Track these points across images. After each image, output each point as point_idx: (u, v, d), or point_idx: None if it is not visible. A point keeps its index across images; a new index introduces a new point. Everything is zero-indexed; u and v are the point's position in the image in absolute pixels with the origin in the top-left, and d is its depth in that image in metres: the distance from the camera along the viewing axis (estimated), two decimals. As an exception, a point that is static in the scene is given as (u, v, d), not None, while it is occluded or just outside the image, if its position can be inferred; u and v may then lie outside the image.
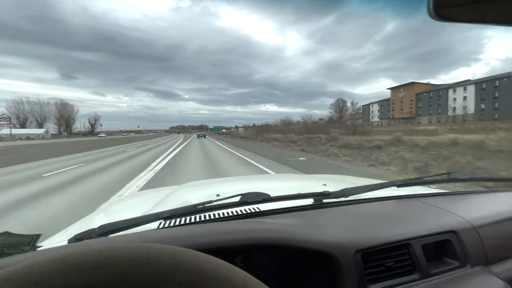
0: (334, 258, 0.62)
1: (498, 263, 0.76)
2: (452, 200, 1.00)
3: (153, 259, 0.31)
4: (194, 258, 0.33)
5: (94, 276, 0.28)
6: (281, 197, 0.87)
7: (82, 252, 0.29)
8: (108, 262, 0.29)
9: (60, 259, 0.28)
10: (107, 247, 0.31)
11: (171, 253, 0.32)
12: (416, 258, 0.70)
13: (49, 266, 0.27)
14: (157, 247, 0.33)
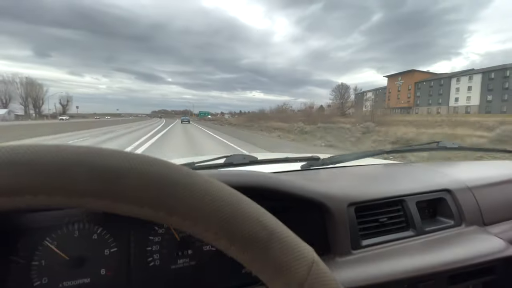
0: (327, 209, 0.62)
1: (494, 224, 0.77)
2: (444, 165, 1.00)
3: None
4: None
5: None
6: (269, 160, 0.86)
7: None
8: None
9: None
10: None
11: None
12: (411, 215, 0.70)
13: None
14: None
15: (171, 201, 0.21)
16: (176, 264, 0.58)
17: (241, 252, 0.22)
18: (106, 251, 0.54)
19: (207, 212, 0.21)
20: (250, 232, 0.22)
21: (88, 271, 0.52)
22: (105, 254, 0.54)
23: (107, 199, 0.20)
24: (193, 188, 0.22)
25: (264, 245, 0.22)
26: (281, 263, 0.22)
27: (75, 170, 0.20)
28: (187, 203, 0.21)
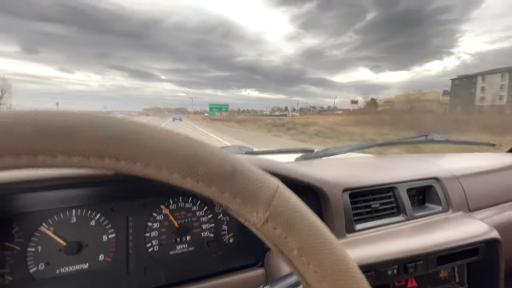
0: (323, 194, 0.64)
1: (479, 210, 0.82)
2: (433, 156, 1.06)
3: None
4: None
5: None
6: (265, 152, 0.90)
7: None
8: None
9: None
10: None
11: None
12: (401, 201, 0.73)
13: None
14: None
15: (132, 149, 0.21)
16: (175, 250, 0.59)
17: (208, 187, 0.23)
18: (104, 237, 0.54)
19: (170, 155, 0.22)
20: (214, 167, 0.23)
21: (86, 257, 0.52)
22: (103, 240, 0.53)
23: (78, 156, 0.20)
24: (153, 136, 0.22)
25: (229, 177, 0.23)
26: (248, 191, 0.23)
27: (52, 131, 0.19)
28: (148, 150, 0.22)
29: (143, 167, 0.22)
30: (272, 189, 0.24)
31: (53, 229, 0.50)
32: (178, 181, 0.23)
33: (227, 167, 0.23)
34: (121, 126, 0.22)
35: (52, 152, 0.19)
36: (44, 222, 0.50)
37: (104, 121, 0.21)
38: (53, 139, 0.19)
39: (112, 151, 0.21)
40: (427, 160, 0.95)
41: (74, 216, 0.52)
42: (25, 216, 0.49)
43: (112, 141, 0.21)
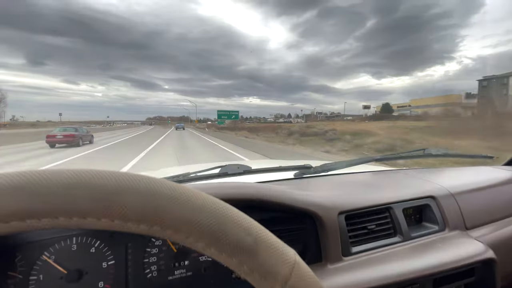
0: (318, 219, 0.64)
1: (475, 228, 0.81)
2: (429, 172, 1.04)
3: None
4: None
5: None
6: (263, 169, 0.88)
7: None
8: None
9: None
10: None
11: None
12: (397, 222, 0.73)
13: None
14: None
15: (165, 216, 0.23)
16: (173, 275, 0.59)
17: (230, 258, 0.24)
18: (104, 263, 0.54)
19: (198, 224, 0.23)
20: (236, 239, 0.24)
21: (86, 284, 0.53)
22: (103, 267, 0.54)
23: (106, 218, 0.22)
24: (183, 202, 0.24)
25: (250, 250, 0.24)
26: (266, 266, 0.24)
27: (75, 192, 0.22)
28: (179, 217, 0.23)
29: (173, 234, 0.23)
30: (290, 263, 0.24)
31: (54, 257, 0.51)
32: (202, 250, 0.24)
33: (249, 240, 0.24)
34: (158, 192, 0.23)
35: (98, 215, 0.22)
36: (46, 251, 0.51)
37: (142, 185, 0.23)
38: (100, 203, 0.21)
39: (147, 218, 0.22)
40: (423, 177, 0.94)
41: (75, 244, 0.53)
42: (27, 245, 0.51)
43: (148, 209, 0.22)
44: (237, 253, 0.24)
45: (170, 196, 0.24)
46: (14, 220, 0.20)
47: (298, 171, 0.91)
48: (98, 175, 0.23)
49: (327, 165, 0.91)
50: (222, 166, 0.82)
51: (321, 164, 0.93)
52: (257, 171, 0.85)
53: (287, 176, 0.91)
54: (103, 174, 0.23)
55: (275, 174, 0.91)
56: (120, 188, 0.23)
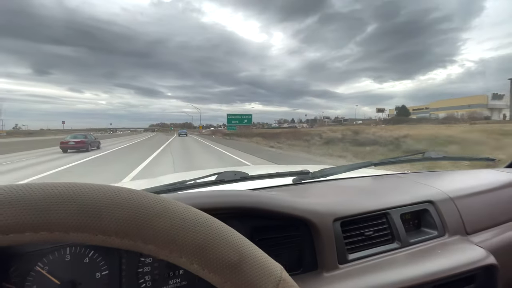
0: (313, 225, 0.63)
1: (476, 233, 0.78)
2: (428, 176, 1.02)
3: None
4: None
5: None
6: (260, 176, 0.86)
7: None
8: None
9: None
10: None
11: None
12: (395, 227, 0.71)
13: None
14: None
15: (147, 230, 0.23)
16: (168, 285, 0.58)
17: (213, 275, 0.23)
18: (97, 274, 0.54)
19: (180, 240, 0.23)
20: (221, 256, 0.24)
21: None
22: (96, 277, 0.53)
23: (88, 233, 0.22)
24: (166, 216, 0.24)
25: (233, 266, 0.23)
26: (251, 283, 0.23)
27: (64, 206, 0.22)
28: (161, 232, 0.23)
29: (156, 249, 0.23)
30: (275, 280, 0.24)
31: (48, 268, 0.51)
32: (185, 265, 0.24)
33: (233, 256, 0.24)
34: (142, 206, 0.23)
35: (81, 229, 0.22)
36: (39, 261, 0.51)
37: (126, 200, 0.23)
38: (86, 217, 0.22)
39: (130, 233, 0.22)
40: (421, 181, 0.92)
41: (68, 254, 0.52)
42: (22, 256, 0.50)
43: (131, 224, 0.23)
44: (220, 270, 0.23)
45: (153, 210, 0.24)
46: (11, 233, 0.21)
47: (296, 177, 0.90)
48: (81, 189, 0.23)
49: (326, 170, 0.90)
50: (219, 173, 0.82)
51: (320, 169, 0.91)
52: (254, 177, 0.84)
53: (285, 182, 0.90)
54: (86, 188, 0.23)
55: (272, 180, 0.89)
56: (102, 202, 0.23)
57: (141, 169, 7.40)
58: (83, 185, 0.24)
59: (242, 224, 0.61)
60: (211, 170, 1.08)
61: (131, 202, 0.24)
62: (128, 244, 0.23)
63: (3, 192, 0.22)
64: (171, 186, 0.74)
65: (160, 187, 0.75)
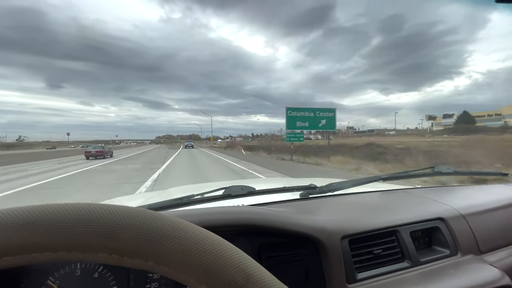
0: (320, 243, 0.61)
1: (490, 252, 0.75)
2: (438, 192, 0.99)
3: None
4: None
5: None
6: (267, 190, 0.86)
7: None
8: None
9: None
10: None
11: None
12: (405, 246, 0.69)
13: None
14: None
15: (159, 252, 0.24)
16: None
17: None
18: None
19: (191, 262, 0.24)
20: (228, 277, 0.24)
21: None
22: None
23: (103, 253, 0.23)
24: (179, 239, 0.25)
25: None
26: None
27: (83, 227, 0.23)
28: (174, 255, 0.24)
29: (167, 270, 0.24)
30: None
31: (59, 282, 0.51)
32: (193, 285, 0.24)
33: (240, 278, 0.24)
34: (154, 228, 0.24)
35: (96, 250, 0.23)
36: (51, 275, 0.51)
37: (140, 221, 0.24)
38: (103, 238, 0.23)
39: (143, 253, 0.23)
40: (431, 197, 0.90)
41: (79, 269, 0.53)
42: (33, 271, 0.51)
43: (144, 245, 0.24)
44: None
45: (165, 231, 0.25)
46: (20, 253, 0.22)
47: (303, 191, 0.89)
48: (96, 210, 0.24)
49: (333, 185, 0.88)
50: (226, 188, 0.82)
51: (327, 183, 0.90)
52: (261, 192, 0.84)
53: (292, 197, 0.89)
54: (103, 209, 0.25)
55: (279, 195, 0.88)
56: (118, 223, 0.24)
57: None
58: (100, 207, 0.25)
59: (250, 242, 0.60)
60: (219, 183, 1.08)
61: (145, 223, 0.25)
62: (140, 263, 0.24)
63: (21, 213, 0.23)
64: (179, 201, 0.75)
65: (169, 201, 0.75)
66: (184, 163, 13.89)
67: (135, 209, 0.26)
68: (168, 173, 9.64)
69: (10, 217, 0.23)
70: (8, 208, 0.24)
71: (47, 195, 5.87)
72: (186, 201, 0.75)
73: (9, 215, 0.23)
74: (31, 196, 5.88)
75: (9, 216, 0.23)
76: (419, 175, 1.05)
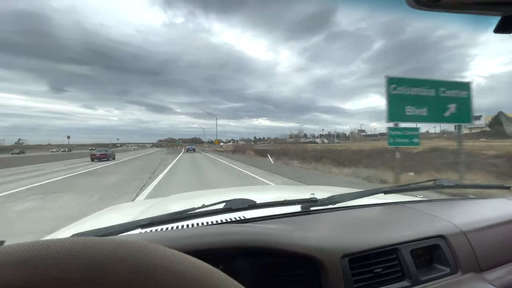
0: (320, 263, 0.61)
1: (491, 270, 0.75)
2: (439, 206, 0.98)
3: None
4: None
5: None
6: (268, 204, 0.86)
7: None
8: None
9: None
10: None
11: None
12: (406, 264, 0.68)
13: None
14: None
15: (150, 284, 0.25)
16: None
17: None
18: None
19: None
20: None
21: None
22: None
23: (98, 286, 0.24)
24: (171, 271, 0.26)
25: None
26: None
27: (74, 262, 0.24)
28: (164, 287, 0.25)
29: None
30: None
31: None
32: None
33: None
34: (146, 261, 0.25)
35: (95, 282, 0.23)
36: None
37: (132, 254, 0.25)
38: (97, 271, 0.23)
39: (135, 284, 0.25)
40: (432, 212, 0.90)
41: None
42: None
43: (138, 276, 0.25)
44: None
45: (156, 262, 0.26)
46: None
47: (304, 204, 0.89)
48: (90, 244, 0.25)
49: (334, 197, 0.88)
50: (227, 201, 0.82)
51: (328, 196, 0.90)
52: (261, 205, 0.84)
53: (293, 210, 0.89)
54: (94, 242, 0.25)
55: (280, 208, 0.88)
56: (111, 256, 0.25)
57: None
58: (91, 241, 0.26)
59: (250, 262, 0.60)
60: (222, 190, 1.02)
61: (136, 255, 0.26)
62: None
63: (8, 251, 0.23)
64: (178, 215, 0.75)
65: (168, 215, 0.75)
66: (184, 181, 8.52)
67: (126, 240, 0.28)
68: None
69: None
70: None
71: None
72: (185, 216, 0.75)
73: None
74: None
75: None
76: (420, 189, 1.05)
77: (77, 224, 1.19)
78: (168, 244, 0.50)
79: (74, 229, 0.99)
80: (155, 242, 0.50)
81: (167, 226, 0.76)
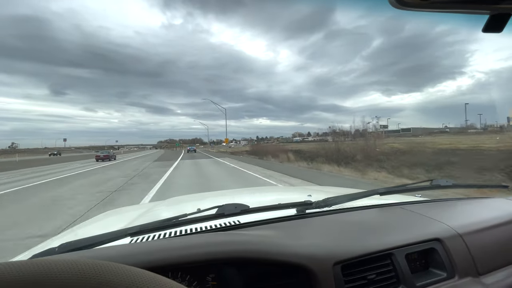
0: (312, 272, 0.59)
1: (489, 273, 0.72)
2: (435, 207, 0.97)
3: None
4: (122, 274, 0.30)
5: None
6: (261, 208, 0.83)
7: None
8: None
9: None
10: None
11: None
12: (400, 269, 0.66)
13: None
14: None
15: None
16: None
17: None
18: None
19: None
20: None
21: None
22: None
23: None
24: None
25: None
26: None
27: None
28: None
29: None
30: None
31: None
32: None
33: None
34: (109, 283, 0.27)
35: None
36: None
37: (94, 278, 0.27)
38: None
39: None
40: (428, 214, 0.87)
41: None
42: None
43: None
44: None
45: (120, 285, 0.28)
46: None
47: (299, 207, 0.87)
48: (86, 267, 0.27)
49: (329, 200, 0.87)
50: (220, 206, 0.81)
51: (323, 198, 0.88)
52: (254, 210, 0.82)
53: (287, 213, 0.87)
54: (91, 266, 0.27)
55: (274, 212, 0.87)
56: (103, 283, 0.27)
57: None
58: (88, 263, 0.28)
59: (240, 272, 0.59)
60: (210, 201, 1.01)
61: (99, 278, 0.27)
62: None
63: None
64: (168, 222, 0.74)
65: (158, 222, 0.74)
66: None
67: (118, 265, 0.30)
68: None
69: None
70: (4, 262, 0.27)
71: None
72: (177, 222, 0.74)
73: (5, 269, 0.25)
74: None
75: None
76: (417, 189, 1.03)
77: (70, 232, 1.18)
78: (147, 258, 0.50)
79: (66, 237, 0.98)
80: (127, 256, 0.50)
81: (156, 234, 0.75)
